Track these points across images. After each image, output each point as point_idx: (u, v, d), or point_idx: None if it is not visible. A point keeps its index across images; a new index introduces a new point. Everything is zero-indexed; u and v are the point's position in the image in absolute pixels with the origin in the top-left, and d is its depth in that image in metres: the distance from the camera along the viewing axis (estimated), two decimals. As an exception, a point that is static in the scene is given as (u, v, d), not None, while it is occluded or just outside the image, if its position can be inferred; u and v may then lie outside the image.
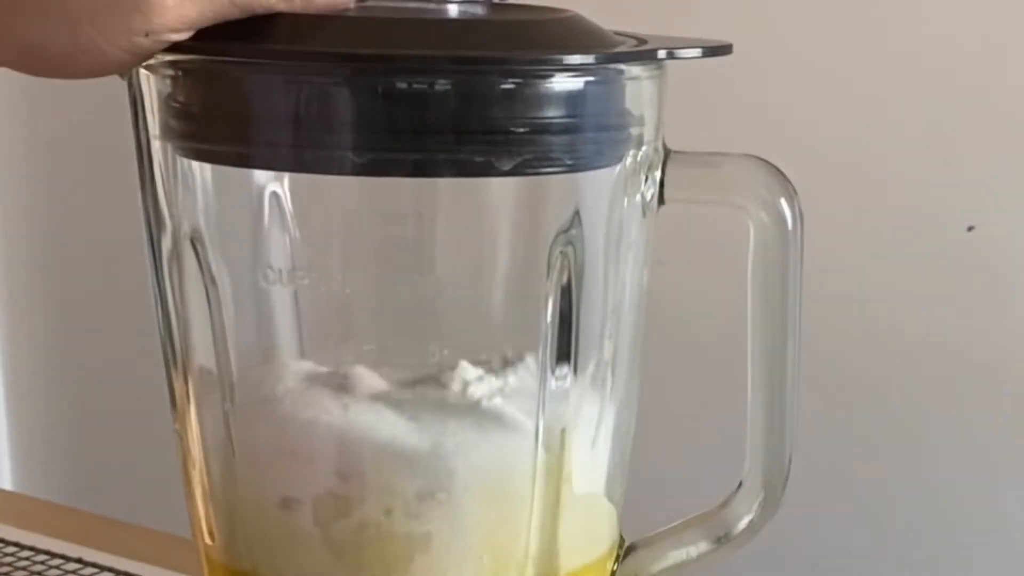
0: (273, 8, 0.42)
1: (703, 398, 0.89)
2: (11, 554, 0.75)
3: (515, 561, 0.46)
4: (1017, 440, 0.84)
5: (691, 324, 0.89)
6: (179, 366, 0.48)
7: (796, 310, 0.47)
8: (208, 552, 0.49)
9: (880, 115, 0.85)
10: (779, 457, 0.49)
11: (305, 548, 0.46)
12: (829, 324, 0.85)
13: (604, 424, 0.48)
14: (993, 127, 0.82)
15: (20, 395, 1.27)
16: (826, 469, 0.84)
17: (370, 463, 0.45)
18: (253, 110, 0.43)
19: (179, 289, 0.47)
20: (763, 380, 0.48)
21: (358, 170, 0.43)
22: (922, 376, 0.86)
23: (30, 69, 0.43)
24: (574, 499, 0.47)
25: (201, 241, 0.46)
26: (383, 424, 0.45)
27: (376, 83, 0.42)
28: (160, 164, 0.46)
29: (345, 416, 0.45)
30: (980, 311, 0.84)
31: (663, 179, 0.47)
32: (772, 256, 0.47)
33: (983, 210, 0.83)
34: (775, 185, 0.47)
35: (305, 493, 0.45)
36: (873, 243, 0.86)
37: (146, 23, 0.41)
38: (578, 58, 0.43)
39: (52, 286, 1.24)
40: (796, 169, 0.47)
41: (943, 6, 0.83)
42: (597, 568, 0.49)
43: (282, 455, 0.46)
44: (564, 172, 0.44)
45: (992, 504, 0.82)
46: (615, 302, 0.47)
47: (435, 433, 0.45)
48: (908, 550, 0.84)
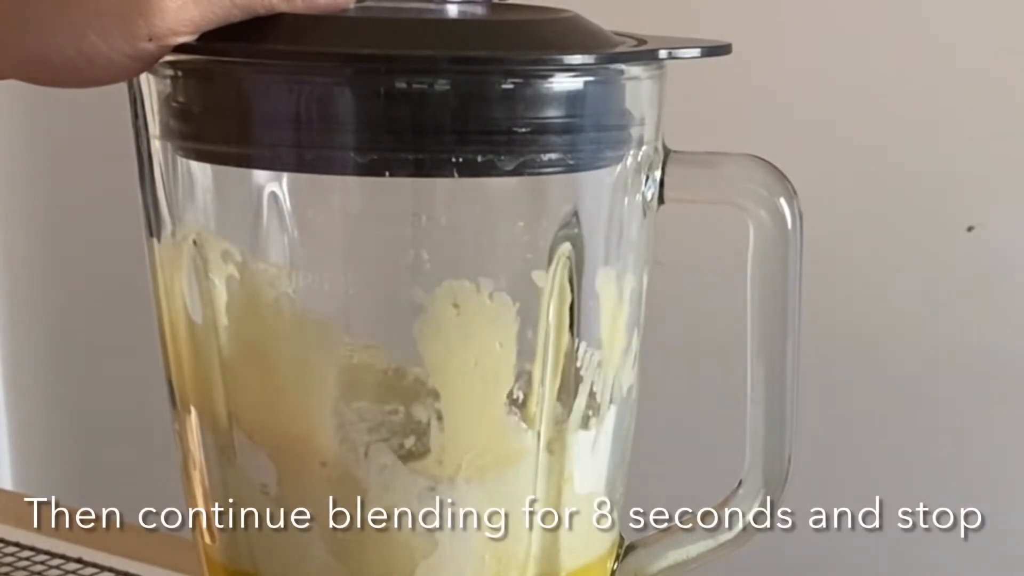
0: (274, 9, 0.42)
1: (703, 398, 0.89)
2: (11, 554, 0.75)
3: (516, 561, 0.46)
4: (1017, 440, 0.84)
5: (691, 324, 0.89)
6: (179, 366, 0.48)
7: (796, 310, 0.48)
8: (208, 552, 0.49)
9: (880, 115, 0.85)
10: (779, 457, 0.49)
11: (306, 549, 0.46)
12: (829, 324, 0.85)
13: (604, 424, 0.48)
14: (993, 127, 0.82)
15: (20, 395, 1.27)
16: (826, 469, 0.84)
17: (371, 463, 0.45)
18: (253, 110, 0.43)
19: (179, 289, 0.47)
20: (763, 380, 0.48)
21: (359, 170, 0.43)
22: (922, 375, 0.86)
23: (37, 80, 0.43)
24: (575, 499, 0.47)
25: (201, 241, 0.46)
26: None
27: (377, 83, 0.42)
28: (160, 164, 0.46)
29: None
30: (980, 311, 0.84)
31: (663, 179, 0.47)
32: (772, 256, 0.47)
33: (983, 210, 0.83)
34: (775, 185, 0.47)
35: (306, 493, 0.45)
36: (873, 243, 0.86)
37: (150, 28, 0.41)
38: (578, 58, 0.43)
39: (52, 286, 1.24)
40: (796, 169, 0.47)
41: (943, 6, 0.83)
42: (597, 568, 0.49)
43: (283, 454, 0.46)
44: (564, 172, 0.44)
45: (992, 504, 0.82)
46: (615, 302, 0.47)
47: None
48: (908, 550, 0.84)
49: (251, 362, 0.46)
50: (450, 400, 0.45)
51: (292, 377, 0.46)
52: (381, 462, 0.45)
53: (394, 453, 0.45)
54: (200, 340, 0.46)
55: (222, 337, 0.46)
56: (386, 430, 0.45)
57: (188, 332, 0.47)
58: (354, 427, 0.45)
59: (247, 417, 0.46)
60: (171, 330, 0.48)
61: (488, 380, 0.45)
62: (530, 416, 0.46)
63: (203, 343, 0.46)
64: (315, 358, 0.45)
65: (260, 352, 0.46)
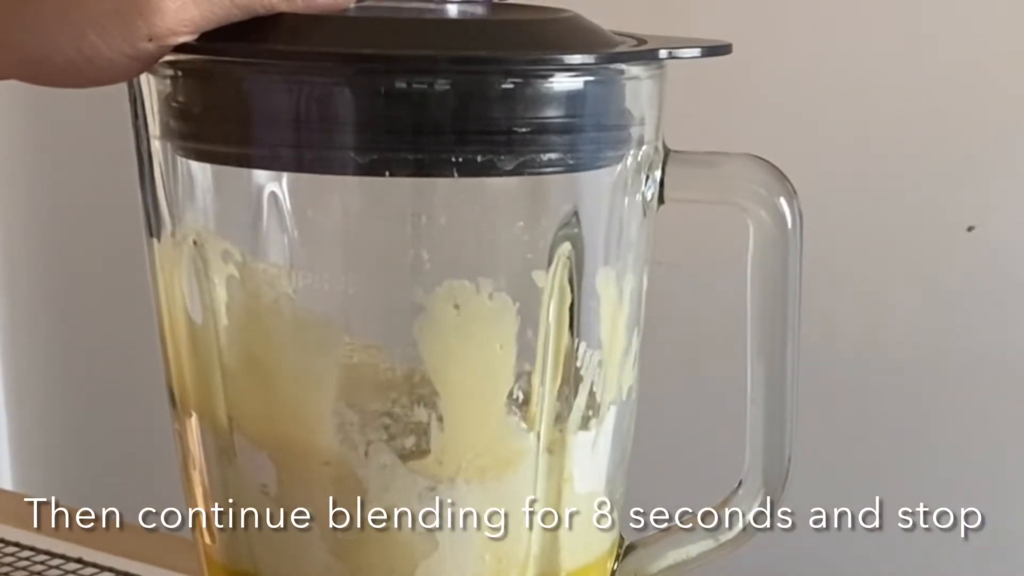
0: (274, 9, 0.42)
1: (703, 398, 0.89)
2: (11, 554, 0.75)
3: (517, 561, 0.46)
4: (1017, 440, 0.84)
5: (691, 324, 0.89)
6: (179, 366, 0.48)
7: (796, 310, 0.48)
8: (208, 552, 0.49)
9: (880, 115, 0.85)
10: (779, 457, 0.49)
11: (306, 549, 0.46)
12: (829, 324, 0.85)
13: (604, 424, 0.48)
14: (994, 127, 0.82)
15: (20, 395, 1.27)
16: (826, 469, 0.84)
17: (371, 462, 0.45)
18: (253, 110, 0.43)
19: (179, 289, 0.47)
20: (763, 380, 0.48)
21: (359, 170, 0.43)
22: (922, 376, 0.86)
23: (37, 80, 0.43)
24: (575, 499, 0.47)
25: (201, 241, 0.46)
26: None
27: (377, 83, 0.42)
28: (160, 164, 0.46)
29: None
30: (980, 311, 0.84)
31: (663, 179, 0.47)
32: (772, 256, 0.47)
33: (983, 210, 0.83)
34: (775, 184, 0.47)
35: (306, 493, 0.45)
36: (873, 243, 0.86)
37: (150, 28, 0.41)
38: (578, 58, 0.43)
39: (52, 286, 1.24)
40: (796, 169, 0.47)
41: (943, 6, 0.83)
42: (597, 568, 0.49)
43: (283, 454, 0.46)
44: (564, 172, 0.44)
45: (992, 504, 0.82)
46: (615, 302, 0.47)
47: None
48: (908, 550, 0.84)
49: (251, 362, 0.46)
50: (450, 400, 0.45)
51: (292, 377, 0.46)
52: (381, 462, 0.45)
53: (394, 453, 0.45)
54: (200, 340, 0.46)
55: (222, 337, 0.46)
56: (386, 430, 0.45)
57: (188, 332, 0.47)
58: (354, 427, 0.45)
59: (247, 417, 0.46)
60: (171, 330, 0.48)
61: (488, 380, 0.45)
62: (530, 416, 0.46)
63: (203, 343, 0.46)
64: (315, 358, 0.45)
65: (260, 352, 0.46)
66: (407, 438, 0.45)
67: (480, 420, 0.45)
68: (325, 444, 0.45)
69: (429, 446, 0.45)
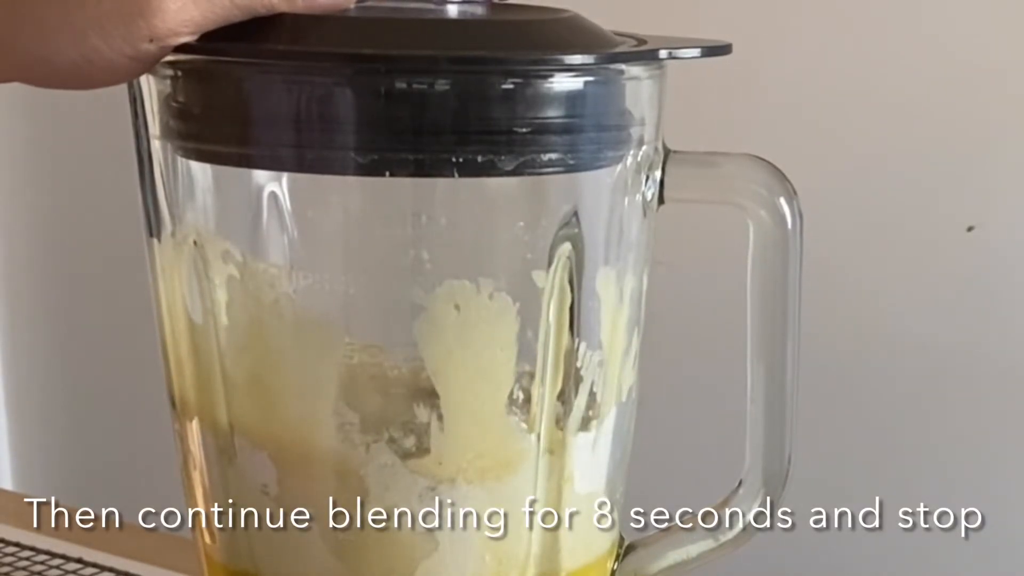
0: (275, 9, 0.42)
1: (703, 398, 0.89)
2: (11, 554, 0.75)
3: (516, 561, 0.46)
4: (1017, 440, 0.84)
5: (691, 324, 0.89)
6: (179, 366, 0.48)
7: (796, 310, 0.48)
8: (208, 552, 0.49)
9: (880, 115, 0.85)
10: (779, 457, 0.49)
11: (306, 549, 0.46)
12: (829, 324, 0.85)
13: (604, 424, 0.48)
14: (993, 127, 0.82)
15: (20, 395, 1.27)
16: (826, 469, 0.84)
17: (371, 462, 0.45)
18: (254, 110, 0.43)
19: (179, 289, 0.47)
20: (763, 380, 0.48)
21: (360, 170, 0.43)
22: (922, 376, 0.86)
23: (38, 82, 0.43)
24: (575, 499, 0.47)
25: (201, 241, 0.46)
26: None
27: (377, 83, 0.42)
28: (160, 164, 0.46)
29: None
30: (980, 311, 0.84)
31: (663, 179, 0.47)
32: (772, 256, 0.47)
33: (983, 210, 0.83)
34: (775, 184, 0.47)
35: (306, 493, 0.45)
36: (873, 243, 0.86)
37: (150, 29, 0.41)
38: (578, 58, 0.43)
39: (52, 286, 1.24)
40: (796, 169, 0.47)
41: (943, 7, 0.83)
42: (597, 568, 0.49)
43: (283, 454, 0.46)
44: (564, 172, 0.44)
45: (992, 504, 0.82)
46: (615, 302, 0.47)
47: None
48: (908, 550, 0.84)
49: (251, 363, 0.46)
50: (450, 400, 0.45)
51: (292, 377, 0.46)
52: (381, 462, 0.45)
53: (394, 453, 0.45)
54: (200, 340, 0.46)
55: (222, 338, 0.46)
56: (386, 430, 0.45)
57: (188, 332, 0.47)
58: (354, 427, 0.45)
59: (247, 417, 0.46)
60: (171, 330, 0.48)
61: (488, 380, 0.45)
62: (530, 416, 0.46)
63: (203, 343, 0.46)
64: (315, 358, 0.45)
65: (260, 352, 0.46)
66: (407, 438, 0.45)
67: (480, 420, 0.45)
68: (325, 444, 0.45)
69: (429, 446, 0.45)
